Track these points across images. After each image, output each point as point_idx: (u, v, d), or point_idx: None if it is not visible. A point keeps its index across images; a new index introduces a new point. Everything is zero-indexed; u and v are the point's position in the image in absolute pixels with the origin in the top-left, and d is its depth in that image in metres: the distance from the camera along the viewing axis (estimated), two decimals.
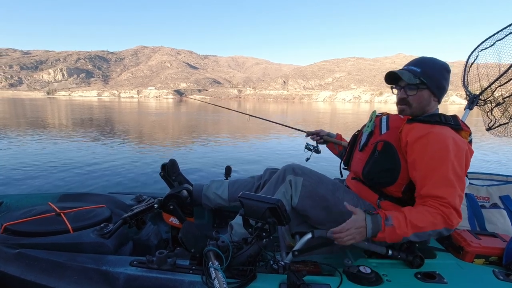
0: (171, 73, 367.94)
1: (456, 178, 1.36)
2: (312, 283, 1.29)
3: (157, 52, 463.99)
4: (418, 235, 1.34)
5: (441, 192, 1.35)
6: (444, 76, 1.57)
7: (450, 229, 1.34)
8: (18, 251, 1.46)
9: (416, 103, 1.58)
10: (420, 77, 1.54)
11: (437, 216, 1.32)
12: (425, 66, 1.56)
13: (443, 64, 1.58)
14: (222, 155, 7.91)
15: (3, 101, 51.19)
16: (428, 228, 1.33)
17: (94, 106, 38.56)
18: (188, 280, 1.31)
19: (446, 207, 1.32)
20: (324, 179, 1.71)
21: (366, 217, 1.37)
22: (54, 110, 29.04)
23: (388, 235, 1.34)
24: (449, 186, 1.35)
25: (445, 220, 1.32)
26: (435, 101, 1.60)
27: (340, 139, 2.28)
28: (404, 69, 1.61)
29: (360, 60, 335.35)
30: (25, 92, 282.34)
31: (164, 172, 2.09)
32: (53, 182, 5.06)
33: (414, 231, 1.33)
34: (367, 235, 1.35)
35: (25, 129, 12.51)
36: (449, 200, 1.33)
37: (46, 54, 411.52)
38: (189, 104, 48.38)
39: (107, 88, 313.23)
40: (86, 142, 9.48)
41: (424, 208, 1.36)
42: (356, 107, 63.88)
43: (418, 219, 1.34)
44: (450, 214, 1.32)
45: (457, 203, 1.34)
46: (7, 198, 2.15)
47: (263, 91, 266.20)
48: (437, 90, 1.57)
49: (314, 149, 2.39)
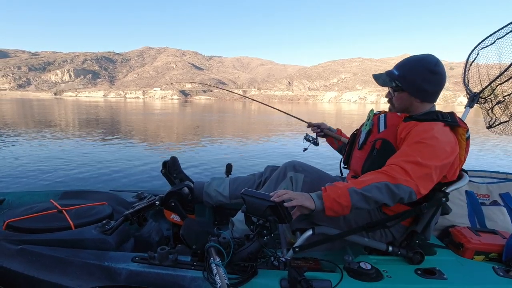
0: (176, 74, 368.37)
1: (418, 152, 1.36)
2: (312, 279, 1.29)
3: (162, 53, 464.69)
4: (366, 189, 1.31)
5: (393, 160, 1.38)
6: (425, 78, 1.53)
7: (396, 184, 1.30)
8: (21, 247, 1.47)
9: (397, 103, 1.64)
10: (396, 81, 1.57)
11: (380, 173, 1.35)
12: (404, 69, 1.58)
13: (426, 65, 1.54)
14: (223, 153, 7.94)
15: (12, 102, 51.59)
16: (372, 181, 1.32)
17: (99, 107, 38.73)
18: (189, 276, 1.32)
19: (389, 166, 1.35)
20: (324, 175, 1.72)
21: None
22: (61, 110, 29.24)
23: (330, 190, 1.34)
24: (404, 155, 1.37)
25: (387, 174, 1.32)
26: (418, 102, 1.59)
27: (340, 135, 2.29)
28: (386, 71, 1.64)
29: (365, 61, 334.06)
30: (33, 92, 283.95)
31: (165, 170, 2.10)
32: (55, 179, 5.10)
33: (358, 185, 1.32)
34: (314, 200, 1.35)
35: (30, 127, 12.62)
36: (397, 162, 1.35)
37: (54, 55, 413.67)
38: (194, 105, 48.51)
39: (113, 89, 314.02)
40: (88, 140, 9.53)
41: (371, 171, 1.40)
42: (361, 108, 63.73)
43: (362, 176, 1.38)
44: (392, 170, 1.32)
45: (407, 166, 1.32)
46: (9, 195, 2.17)
47: (268, 92, 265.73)
48: (417, 93, 1.56)
49: (313, 141, 2.39)
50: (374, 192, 1.30)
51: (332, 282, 1.31)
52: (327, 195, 1.33)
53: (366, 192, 1.30)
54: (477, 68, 2.44)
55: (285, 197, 1.32)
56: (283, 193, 1.34)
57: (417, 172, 1.32)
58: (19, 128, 12.56)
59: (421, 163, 1.32)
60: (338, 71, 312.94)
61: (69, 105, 43.08)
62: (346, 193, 1.31)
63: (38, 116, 19.90)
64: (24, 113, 22.58)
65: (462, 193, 2.07)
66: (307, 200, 1.34)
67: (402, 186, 1.30)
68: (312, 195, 1.36)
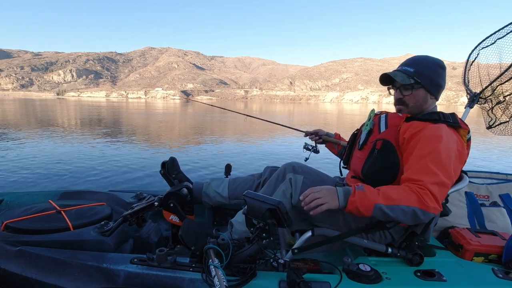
0: (178, 74, 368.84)
1: (439, 167, 1.35)
2: (312, 281, 1.29)
3: (164, 53, 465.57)
4: (392, 209, 1.32)
5: (419, 176, 1.35)
6: (439, 73, 1.58)
7: (426, 211, 1.31)
8: (19, 249, 1.47)
9: (413, 102, 1.60)
10: (414, 77, 1.55)
11: (411, 193, 1.32)
12: (419, 65, 1.57)
13: (436, 61, 1.58)
14: (223, 153, 7.93)
15: (15, 102, 51.73)
16: (400, 202, 1.31)
17: (101, 107, 38.81)
18: (188, 278, 1.32)
19: (422, 188, 1.32)
20: (324, 177, 1.71)
21: (336, 187, 1.42)
22: (63, 110, 29.27)
23: (359, 198, 1.33)
24: (429, 172, 1.34)
25: (419, 199, 1.30)
26: (432, 98, 1.61)
27: (339, 139, 2.28)
28: (398, 69, 1.63)
29: (367, 61, 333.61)
30: (36, 93, 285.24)
31: (165, 170, 2.09)
32: (53, 180, 5.08)
33: (386, 201, 1.32)
34: (339, 200, 1.36)
35: (30, 128, 12.62)
36: (426, 183, 1.32)
37: (56, 56, 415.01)
38: (196, 105, 48.55)
39: (115, 89, 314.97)
40: (88, 140, 9.53)
41: (401, 186, 1.37)
42: (364, 108, 63.66)
43: (392, 192, 1.34)
44: (425, 195, 1.31)
45: (436, 190, 1.32)
46: (8, 196, 2.17)
47: (270, 92, 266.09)
48: (432, 88, 1.57)
49: (313, 149, 2.38)
50: (398, 214, 1.33)
51: (331, 284, 1.31)
52: (352, 201, 1.34)
53: (390, 212, 1.32)
54: (477, 68, 2.43)
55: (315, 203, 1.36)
56: (311, 199, 1.37)
57: (443, 194, 1.35)
58: (20, 128, 12.58)
59: (444, 183, 1.35)
60: (340, 71, 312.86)
61: (71, 105, 43.17)
62: (371, 207, 1.33)
63: (39, 116, 19.94)
64: (26, 113, 22.65)
65: (461, 194, 2.07)
66: (334, 202, 1.36)
67: (430, 214, 1.33)
68: (339, 192, 1.38)
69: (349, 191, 1.37)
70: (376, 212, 1.33)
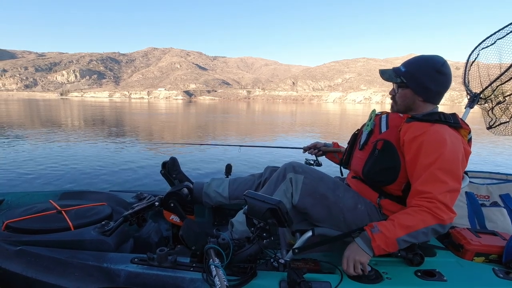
0: (181, 74, 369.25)
1: (447, 174, 1.35)
2: (312, 280, 1.29)
3: (167, 53, 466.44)
4: (413, 235, 1.33)
5: (428, 187, 1.35)
6: (431, 77, 1.53)
7: (444, 224, 1.32)
8: (20, 248, 1.48)
9: (400, 100, 1.63)
10: (401, 77, 1.57)
11: (424, 214, 1.32)
12: (411, 66, 1.58)
13: (433, 65, 1.53)
14: (223, 154, 7.93)
15: (19, 102, 51.90)
16: (418, 226, 1.32)
17: (104, 107, 38.87)
18: (188, 278, 1.32)
19: (432, 203, 1.32)
20: (324, 177, 1.71)
21: (355, 239, 1.42)
22: (67, 110, 29.36)
23: (380, 241, 1.34)
24: (437, 181, 1.35)
25: (434, 216, 1.31)
26: (421, 101, 1.58)
27: (338, 147, 2.29)
28: (393, 68, 1.65)
29: (370, 61, 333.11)
30: (40, 93, 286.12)
31: (165, 170, 2.10)
32: (54, 180, 5.10)
33: (405, 231, 1.33)
34: (366, 252, 1.36)
35: (32, 128, 12.65)
36: (435, 194, 1.33)
37: (60, 56, 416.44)
38: (198, 105, 48.59)
39: (118, 89, 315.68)
40: (88, 141, 9.54)
41: (411, 209, 1.37)
42: (366, 108, 63.50)
43: (407, 219, 1.34)
44: (437, 209, 1.31)
45: (446, 198, 1.33)
46: (9, 196, 2.17)
47: (272, 92, 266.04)
48: (420, 90, 1.56)
49: (315, 163, 2.37)
50: (420, 237, 1.35)
51: (332, 284, 1.31)
52: (377, 246, 1.34)
53: (413, 239, 1.34)
54: (477, 68, 2.43)
55: (358, 268, 1.36)
56: (353, 267, 1.37)
57: (454, 199, 1.37)
58: (20, 128, 12.60)
59: (454, 189, 1.36)
60: (343, 71, 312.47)
61: (74, 105, 43.22)
62: (394, 242, 1.34)
63: (43, 116, 20.00)
64: (30, 113, 22.70)
65: (462, 194, 2.07)
66: (364, 257, 1.36)
67: (448, 225, 1.35)
68: (361, 246, 1.38)
69: (368, 239, 1.37)
70: (401, 244, 1.35)
